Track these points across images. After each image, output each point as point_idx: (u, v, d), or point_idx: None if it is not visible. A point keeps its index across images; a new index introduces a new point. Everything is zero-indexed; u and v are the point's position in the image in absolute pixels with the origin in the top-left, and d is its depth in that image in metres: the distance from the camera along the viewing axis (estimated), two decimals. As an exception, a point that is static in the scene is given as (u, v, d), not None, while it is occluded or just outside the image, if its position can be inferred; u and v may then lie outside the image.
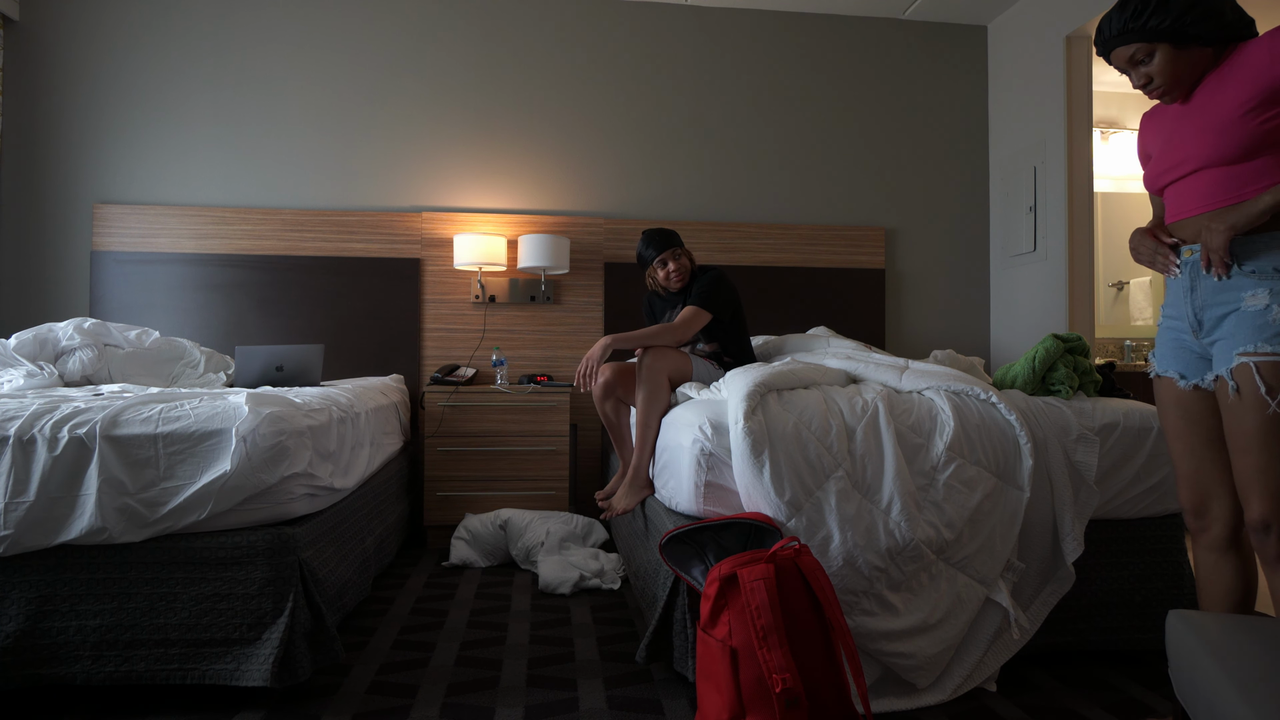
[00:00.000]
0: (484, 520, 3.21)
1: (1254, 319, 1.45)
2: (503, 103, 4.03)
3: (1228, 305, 1.50)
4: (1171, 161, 1.60)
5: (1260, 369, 1.43)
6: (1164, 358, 1.67)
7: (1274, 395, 1.42)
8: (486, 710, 1.84)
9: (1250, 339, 1.44)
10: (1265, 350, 1.42)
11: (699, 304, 2.71)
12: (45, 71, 3.74)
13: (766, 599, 1.59)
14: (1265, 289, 1.44)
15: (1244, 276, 1.47)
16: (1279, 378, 1.42)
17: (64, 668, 1.79)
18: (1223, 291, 1.50)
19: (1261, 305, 1.44)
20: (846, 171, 4.29)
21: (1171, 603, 2.12)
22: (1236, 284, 1.49)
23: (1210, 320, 1.54)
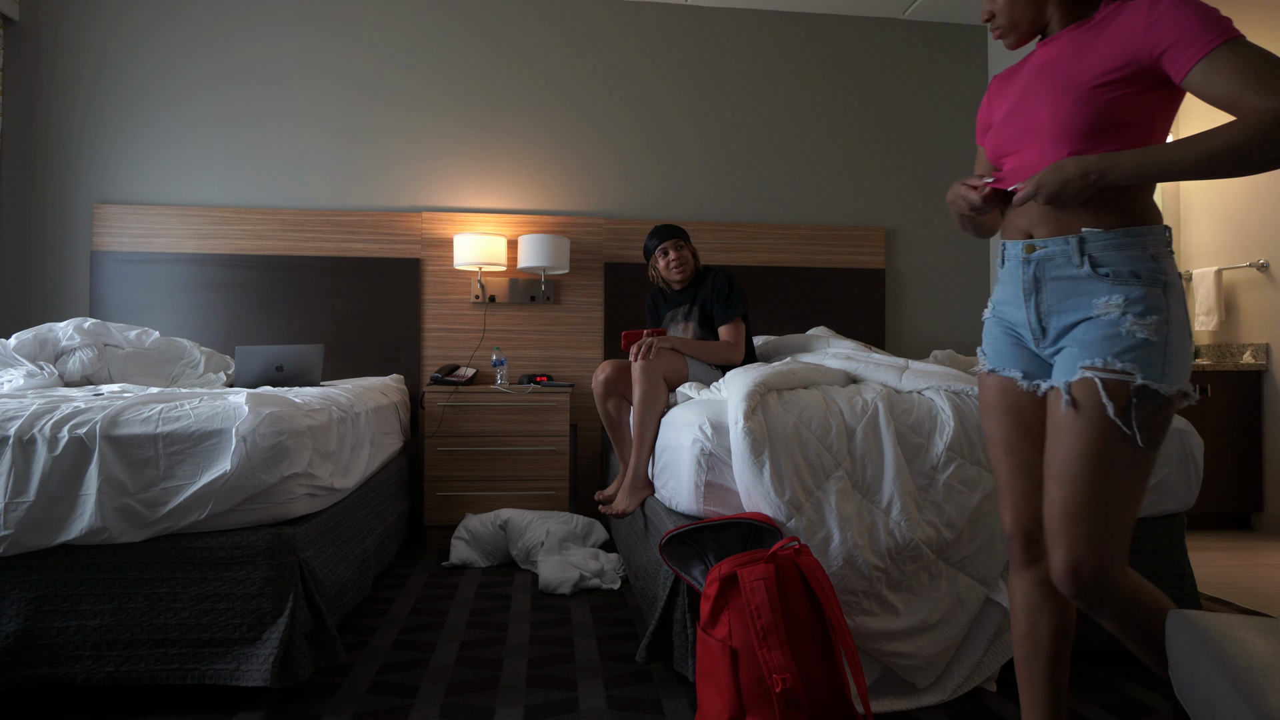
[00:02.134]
0: (484, 520, 3.21)
1: (1104, 329, 1.21)
2: (503, 103, 4.03)
3: (1078, 312, 1.26)
4: (1015, 129, 1.34)
5: (1106, 386, 1.18)
6: (999, 353, 1.40)
7: (1119, 417, 1.18)
8: (486, 710, 1.84)
9: (1099, 351, 1.21)
10: (1115, 367, 1.18)
11: (733, 317, 2.80)
12: (45, 71, 3.74)
13: (766, 599, 1.59)
14: (1120, 295, 1.21)
15: (1097, 280, 1.24)
16: (1126, 399, 1.17)
17: (64, 668, 1.79)
18: (1072, 296, 1.27)
19: (1115, 314, 1.21)
20: (846, 171, 4.29)
21: (1171, 603, 2.11)
22: (1088, 288, 1.25)
23: (1057, 328, 1.29)
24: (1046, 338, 1.32)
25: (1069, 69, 1.26)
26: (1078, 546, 1.18)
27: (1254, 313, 4.07)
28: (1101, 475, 1.18)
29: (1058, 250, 1.27)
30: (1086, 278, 1.25)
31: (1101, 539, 1.18)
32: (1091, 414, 1.19)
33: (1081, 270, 1.25)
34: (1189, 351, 1.23)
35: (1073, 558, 1.19)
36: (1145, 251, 1.22)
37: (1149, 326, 1.19)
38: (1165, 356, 1.18)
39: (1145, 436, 1.18)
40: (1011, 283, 1.36)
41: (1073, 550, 1.19)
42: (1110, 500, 1.18)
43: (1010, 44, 1.38)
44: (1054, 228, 1.29)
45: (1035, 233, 1.32)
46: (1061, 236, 1.27)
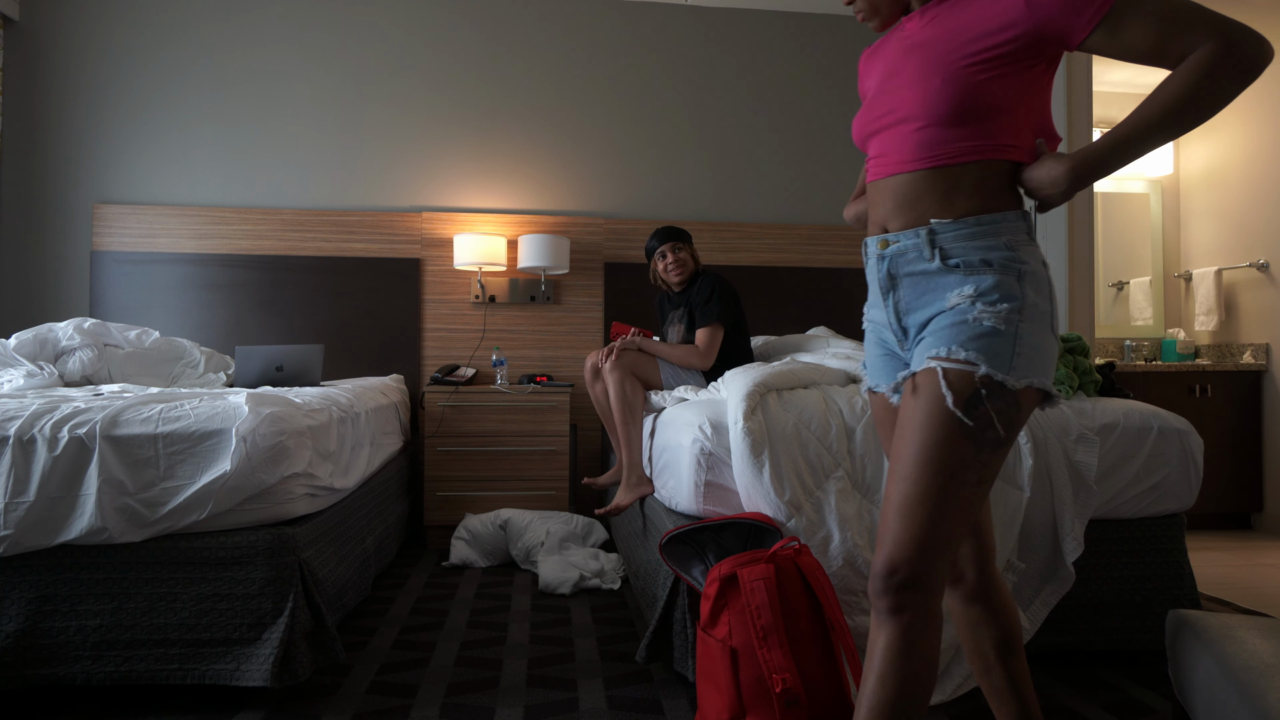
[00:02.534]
0: (484, 520, 3.21)
1: (954, 318, 1.13)
2: (503, 103, 4.03)
3: (933, 308, 1.18)
4: (881, 110, 1.24)
5: (948, 376, 1.09)
6: (874, 368, 1.33)
7: (962, 410, 1.07)
8: (486, 710, 1.84)
9: (945, 340, 1.12)
10: (959, 356, 1.09)
11: (709, 322, 2.80)
12: (45, 71, 3.74)
13: (766, 599, 1.59)
14: (971, 286, 1.13)
15: (949, 273, 1.16)
16: (970, 391, 1.07)
17: (64, 668, 1.79)
18: (927, 292, 1.18)
19: (965, 305, 1.13)
20: (846, 172, 4.29)
21: (1171, 603, 2.12)
22: (941, 282, 1.17)
23: (915, 326, 1.21)
24: (908, 339, 1.23)
25: (938, 46, 1.16)
26: (899, 547, 1.07)
27: (1254, 313, 4.07)
28: (937, 476, 1.07)
29: (910, 244, 1.19)
30: (939, 272, 1.16)
31: (926, 543, 1.07)
32: (931, 406, 1.09)
33: (933, 264, 1.16)
34: (1048, 345, 1.13)
35: (891, 557, 1.08)
36: (999, 239, 1.14)
37: (998, 315, 1.10)
38: (1015, 347, 1.09)
39: (989, 436, 1.07)
40: (872, 282, 1.28)
41: (893, 549, 1.08)
42: (944, 502, 1.07)
43: (876, 27, 1.30)
44: (906, 220, 1.20)
45: (889, 226, 1.23)
46: (913, 229, 1.18)
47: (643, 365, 2.76)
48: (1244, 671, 1.18)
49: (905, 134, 1.18)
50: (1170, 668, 1.42)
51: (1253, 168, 4.08)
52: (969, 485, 1.08)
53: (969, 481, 1.07)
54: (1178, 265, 4.54)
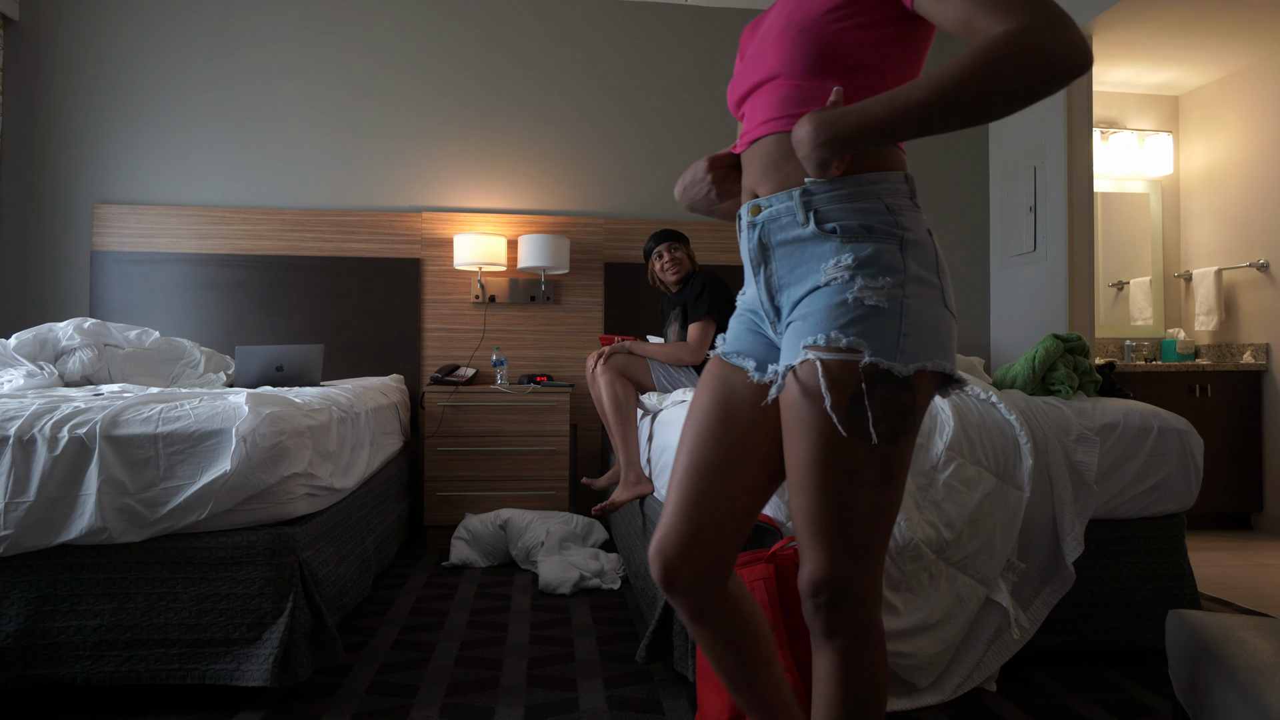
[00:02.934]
0: (484, 520, 3.21)
1: (831, 296, 1.00)
2: (503, 103, 4.03)
3: (808, 281, 1.04)
4: (749, 70, 1.14)
5: (829, 370, 0.96)
6: (737, 337, 1.17)
7: (843, 408, 0.95)
8: (486, 710, 1.84)
9: (822, 324, 0.99)
10: (840, 343, 0.96)
11: (699, 317, 2.84)
12: (45, 71, 3.74)
13: (767, 599, 1.59)
14: (849, 254, 1.00)
15: (825, 239, 1.02)
16: (855, 383, 0.95)
17: (64, 668, 1.79)
18: (801, 264, 1.05)
19: (843, 277, 0.99)
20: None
21: (1171, 603, 2.12)
22: (816, 250, 1.03)
23: (789, 304, 1.07)
24: (780, 319, 1.09)
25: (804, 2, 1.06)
26: (816, 564, 0.99)
27: (1254, 313, 4.07)
28: (835, 480, 0.97)
29: (782, 208, 1.05)
30: (813, 237, 1.03)
31: (843, 553, 0.98)
32: (816, 405, 0.97)
33: (807, 229, 1.03)
34: (942, 322, 1.01)
35: (811, 577, 1.00)
36: (880, 202, 1.02)
37: (880, 291, 0.97)
38: (900, 327, 0.97)
39: (881, 430, 0.96)
40: (744, 256, 1.14)
41: (811, 568, 1.00)
42: (848, 509, 0.97)
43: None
44: (777, 182, 1.07)
45: (759, 190, 1.10)
46: (785, 191, 1.05)
47: (633, 367, 2.81)
48: (1244, 671, 1.18)
49: (770, 91, 1.08)
50: (1170, 668, 1.42)
51: (1253, 168, 4.08)
52: (873, 485, 0.97)
53: (872, 481, 0.97)
54: (1178, 265, 4.54)
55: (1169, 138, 4.52)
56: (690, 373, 2.83)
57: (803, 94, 1.05)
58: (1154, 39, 3.81)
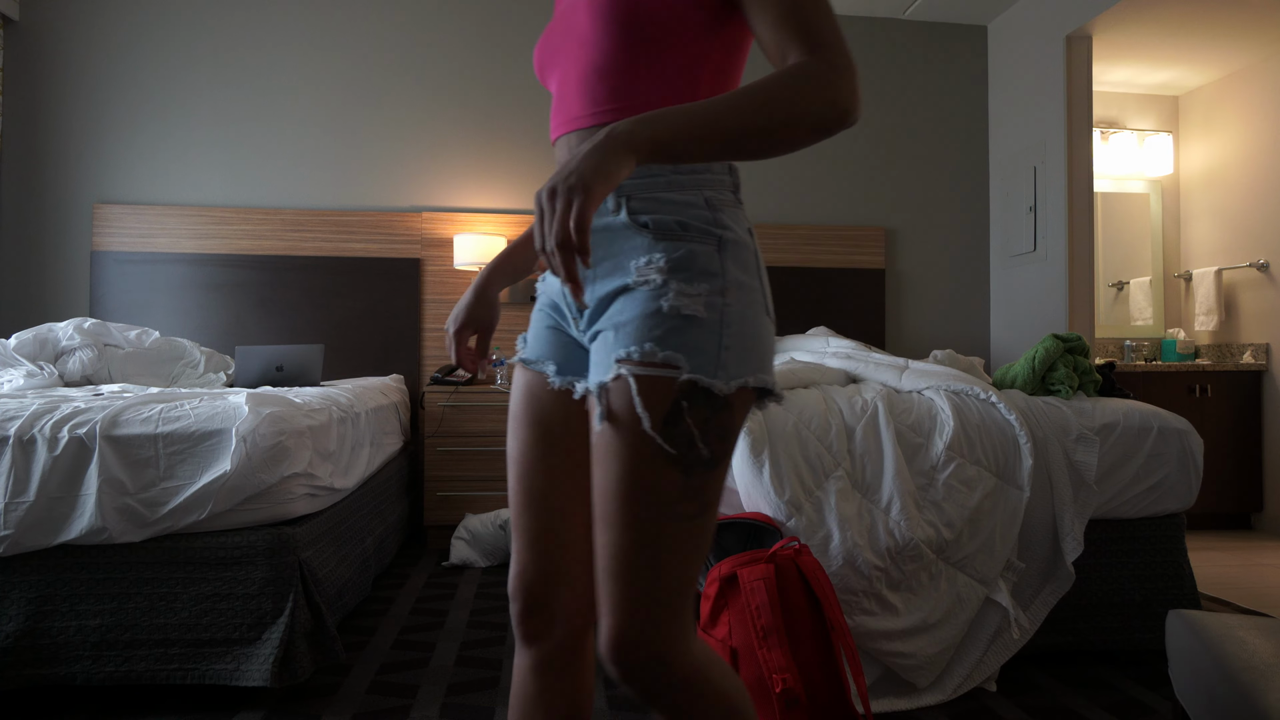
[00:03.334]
0: (484, 520, 3.21)
1: (643, 303, 0.88)
2: (503, 103, 4.03)
3: (616, 277, 0.92)
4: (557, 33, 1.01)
5: (643, 387, 0.85)
6: (535, 339, 1.04)
7: (661, 431, 0.84)
8: (486, 710, 1.84)
9: (635, 336, 0.87)
10: (656, 358, 0.85)
11: None
12: (45, 71, 3.74)
13: (766, 599, 1.59)
14: (661, 254, 0.88)
15: (636, 233, 0.91)
16: (671, 402, 0.84)
17: (64, 668, 1.79)
18: (609, 256, 0.92)
19: (657, 281, 0.88)
20: (846, 171, 4.29)
21: (1171, 603, 2.12)
22: (627, 244, 0.91)
23: (595, 300, 0.94)
24: (584, 315, 0.97)
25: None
26: (623, 616, 0.84)
27: (1254, 313, 4.07)
28: (645, 514, 0.84)
29: None
30: (624, 228, 0.91)
31: (654, 602, 0.84)
32: (627, 428, 0.85)
33: (618, 218, 0.92)
34: (763, 332, 0.91)
35: (618, 633, 0.84)
36: (699, 195, 0.91)
37: (697, 299, 0.87)
38: (721, 340, 0.86)
39: (698, 455, 0.85)
40: None
41: (616, 618, 0.85)
42: (660, 547, 0.84)
43: None
44: None
45: None
46: None
47: None
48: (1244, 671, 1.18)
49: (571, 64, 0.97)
50: (1170, 668, 1.42)
51: (1253, 168, 4.08)
52: (688, 518, 0.85)
53: (687, 514, 0.85)
54: (1178, 265, 4.54)
55: (1169, 138, 4.52)
56: None
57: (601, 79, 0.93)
58: (1154, 39, 3.81)
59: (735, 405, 0.87)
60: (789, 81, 0.78)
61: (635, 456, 0.84)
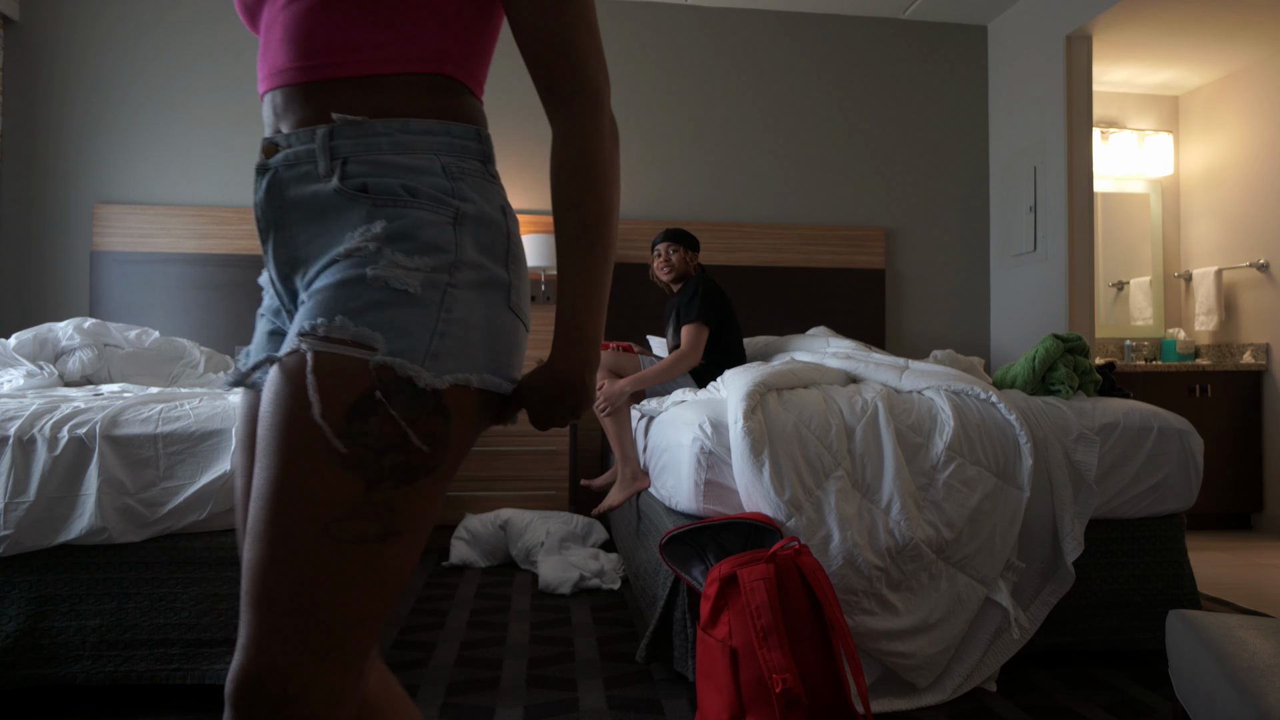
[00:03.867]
0: (484, 520, 3.21)
1: (342, 272, 0.74)
2: (503, 103, 4.03)
3: (330, 253, 0.76)
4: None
5: (322, 365, 0.69)
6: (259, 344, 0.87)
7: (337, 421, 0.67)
8: (486, 710, 1.84)
9: (323, 309, 0.72)
10: (343, 333, 0.70)
11: (690, 320, 2.85)
12: (45, 71, 3.74)
13: (766, 599, 1.59)
14: (380, 223, 0.74)
15: (351, 202, 0.76)
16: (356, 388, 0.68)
17: (64, 668, 1.79)
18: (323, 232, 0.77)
19: (366, 249, 0.74)
20: (846, 171, 4.29)
21: (1171, 603, 2.12)
22: (341, 217, 0.76)
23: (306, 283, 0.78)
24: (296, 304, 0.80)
25: None
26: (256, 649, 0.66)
27: (1254, 313, 4.07)
28: (299, 528, 0.66)
29: (303, 150, 0.78)
30: (337, 198, 0.76)
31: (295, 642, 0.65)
32: (292, 414, 0.68)
33: (330, 183, 0.76)
34: (501, 329, 0.78)
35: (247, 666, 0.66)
36: (435, 160, 0.78)
37: (414, 273, 0.73)
38: (436, 323, 0.73)
39: (390, 462, 0.68)
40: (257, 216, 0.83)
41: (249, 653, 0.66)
42: (314, 573, 0.66)
43: None
44: (303, 115, 0.78)
45: (282, 126, 0.80)
46: (309, 128, 0.78)
47: (624, 367, 2.82)
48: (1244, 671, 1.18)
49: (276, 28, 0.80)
50: (1170, 668, 1.42)
51: (1253, 168, 4.08)
52: (361, 541, 0.67)
53: (360, 536, 0.67)
54: (1178, 265, 4.54)
55: (1169, 138, 4.52)
56: (686, 375, 2.83)
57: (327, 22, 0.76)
58: (1154, 39, 3.81)
59: (452, 409, 0.72)
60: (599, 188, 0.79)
61: (296, 452, 0.66)
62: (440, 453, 0.72)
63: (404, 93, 0.78)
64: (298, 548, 0.66)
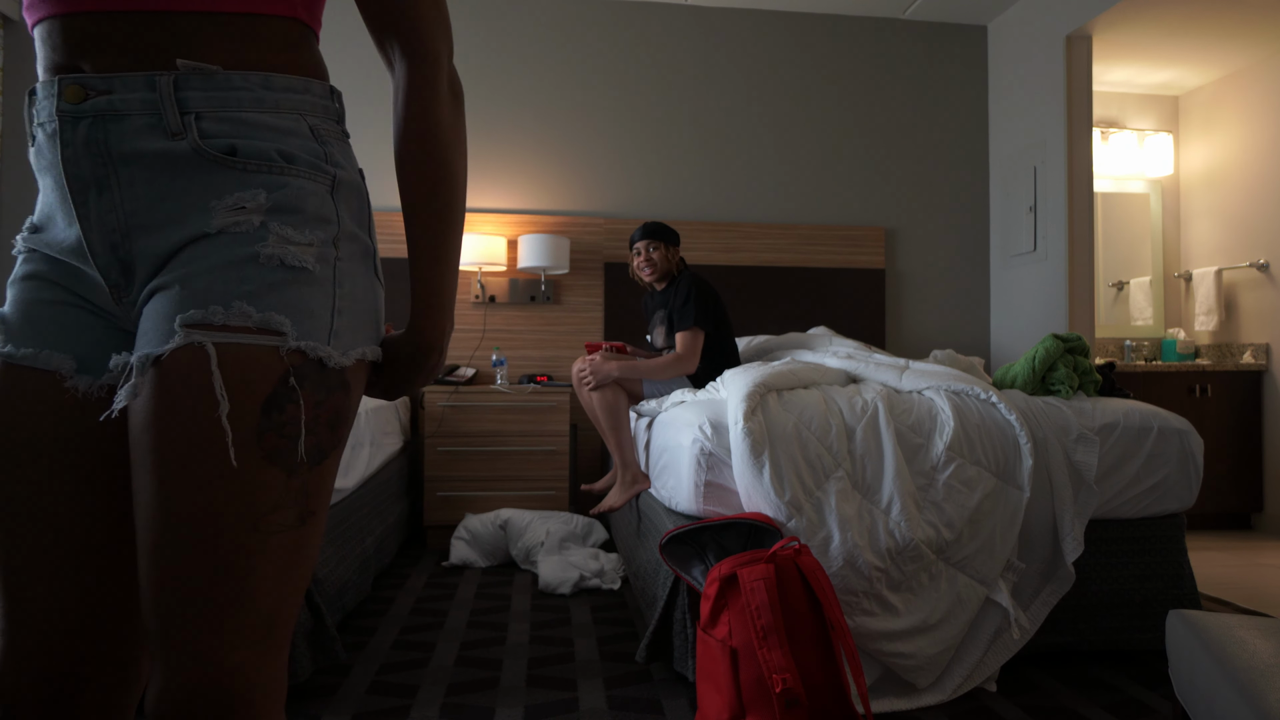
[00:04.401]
0: (484, 520, 3.21)
1: (228, 251, 0.67)
2: (502, 103, 4.03)
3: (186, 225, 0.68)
4: None
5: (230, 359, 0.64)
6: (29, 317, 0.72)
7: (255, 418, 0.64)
8: (486, 710, 1.84)
9: (215, 294, 0.65)
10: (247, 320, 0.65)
11: (686, 326, 2.79)
12: (45, 71, 3.74)
13: (766, 599, 1.59)
14: (262, 192, 0.68)
15: (214, 164, 0.68)
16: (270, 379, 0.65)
17: (64, 668, 1.79)
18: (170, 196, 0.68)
19: (251, 226, 0.67)
20: (846, 171, 4.29)
21: (1171, 603, 2.12)
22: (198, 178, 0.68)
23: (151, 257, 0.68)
24: (132, 283, 0.70)
25: None
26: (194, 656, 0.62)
27: (1254, 313, 4.07)
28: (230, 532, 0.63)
29: (135, 100, 0.66)
30: (192, 158, 0.67)
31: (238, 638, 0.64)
32: (200, 419, 0.62)
33: (182, 143, 0.67)
34: (376, 296, 0.78)
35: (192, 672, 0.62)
36: (302, 121, 0.72)
37: (308, 249, 0.69)
38: (335, 302, 0.70)
39: (310, 445, 0.67)
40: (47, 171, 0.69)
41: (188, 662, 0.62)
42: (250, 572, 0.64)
43: None
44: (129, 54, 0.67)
45: (88, 63, 0.67)
46: (143, 74, 0.66)
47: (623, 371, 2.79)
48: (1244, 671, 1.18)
49: None
50: (1170, 668, 1.42)
51: (1253, 168, 4.08)
52: (285, 528, 0.66)
53: (284, 524, 0.66)
54: (1178, 265, 4.54)
55: (1169, 138, 4.52)
56: (682, 378, 2.82)
57: None
58: (1154, 39, 3.81)
59: (352, 384, 0.71)
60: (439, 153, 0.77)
61: (210, 457, 0.62)
62: (346, 428, 0.71)
63: (262, 39, 0.70)
64: (230, 548, 0.63)
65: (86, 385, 0.71)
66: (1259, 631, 1.29)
